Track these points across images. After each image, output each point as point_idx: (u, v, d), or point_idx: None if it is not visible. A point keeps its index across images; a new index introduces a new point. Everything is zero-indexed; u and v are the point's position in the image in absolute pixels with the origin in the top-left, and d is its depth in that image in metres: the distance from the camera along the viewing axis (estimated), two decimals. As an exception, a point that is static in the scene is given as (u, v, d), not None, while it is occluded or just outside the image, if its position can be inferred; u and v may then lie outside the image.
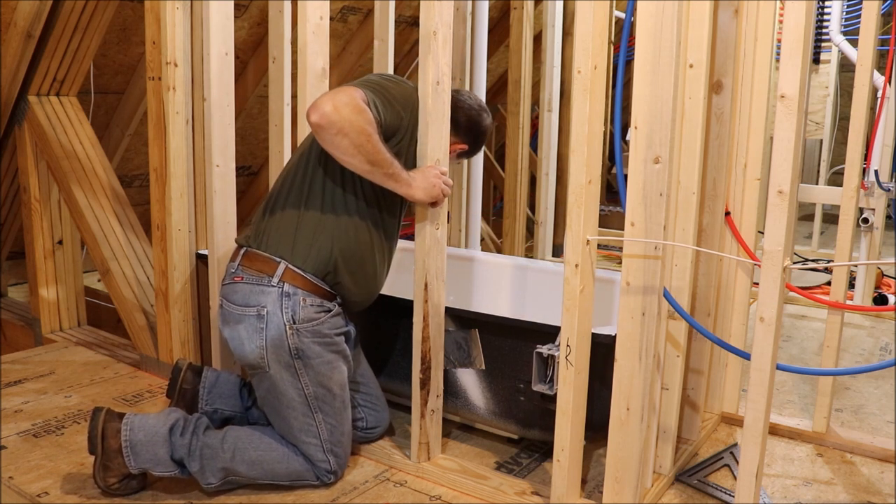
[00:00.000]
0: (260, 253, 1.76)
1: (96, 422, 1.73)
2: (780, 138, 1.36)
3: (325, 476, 1.79)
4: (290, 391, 1.75)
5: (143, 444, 1.71)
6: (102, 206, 2.75)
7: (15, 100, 2.78)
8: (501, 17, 4.40)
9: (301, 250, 1.74)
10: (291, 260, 1.73)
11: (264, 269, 1.74)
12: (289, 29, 2.29)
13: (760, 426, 1.45)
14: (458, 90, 1.96)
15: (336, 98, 1.58)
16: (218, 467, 1.72)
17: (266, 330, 1.71)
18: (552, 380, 1.67)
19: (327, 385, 1.77)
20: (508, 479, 1.84)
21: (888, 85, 3.23)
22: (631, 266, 1.54)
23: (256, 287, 1.73)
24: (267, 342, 1.71)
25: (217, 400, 2.01)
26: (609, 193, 5.85)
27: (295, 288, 1.73)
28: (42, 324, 2.92)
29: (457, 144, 1.93)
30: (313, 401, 1.76)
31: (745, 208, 2.03)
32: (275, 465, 1.76)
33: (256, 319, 1.72)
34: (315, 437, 1.77)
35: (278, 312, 1.71)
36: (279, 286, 1.72)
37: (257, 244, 1.78)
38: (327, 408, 1.78)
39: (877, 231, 3.41)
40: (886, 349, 3.02)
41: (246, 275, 1.76)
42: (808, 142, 5.51)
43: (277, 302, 1.72)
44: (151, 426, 1.73)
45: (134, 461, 1.70)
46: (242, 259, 1.79)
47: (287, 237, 1.75)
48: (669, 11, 1.42)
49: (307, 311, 1.73)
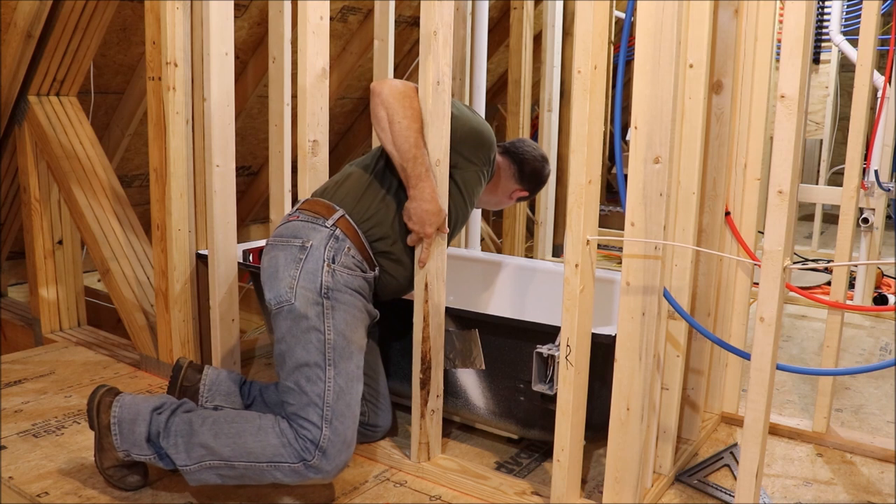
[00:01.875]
0: (321, 200, 1.84)
1: (94, 395, 1.76)
2: (780, 138, 1.36)
3: (307, 451, 1.59)
4: (311, 333, 1.68)
5: (128, 422, 1.71)
6: (102, 206, 2.75)
7: (15, 100, 2.78)
8: (501, 17, 4.40)
9: (361, 209, 1.82)
10: (350, 212, 1.80)
11: (322, 211, 1.81)
12: (289, 29, 2.30)
13: (760, 426, 1.45)
14: (522, 140, 2.19)
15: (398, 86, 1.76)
16: (192, 443, 1.64)
17: (305, 262, 1.73)
18: (552, 380, 1.67)
19: (349, 337, 1.71)
20: (508, 479, 1.84)
21: (888, 85, 3.23)
22: (631, 266, 1.54)
23: (309, 224, 1.79)
24: (301, 272, 1.72)
25: (217, 397, 2.01)
26: (609, 193, 5.85)
27: (345, 235, 1.78)
28: (42, 324, 2.92)
29: (519, 191, 2.19)
30: (330, 350, 1.68)
31: (745, 208, 2.04)
32: (247, 439, 1.62)
33: (299, 250, 1.75)
34: (319, 395, 1.63)
35: (321, 248, 1.74)
36: (332, 228, 1.77)
37: (321, 194, 1.87)
38: (342, 364, 1.68)
39: (877, 231, 3.41)
40: (886, 349, 3.02)
41: (303, 215, 1.82)
42: (808, 142, 5.51)
43: (325, 241, 1.75)
44: (139, 404, 1.74)
45: (119, 441, 1.71)
46: (302, 204, 1.87)
47: (353, 195, 1.84)
48: (669, 11, 1.42)
49: (347, 260, 1.76)
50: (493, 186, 2.16)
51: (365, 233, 1.81)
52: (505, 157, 2.15)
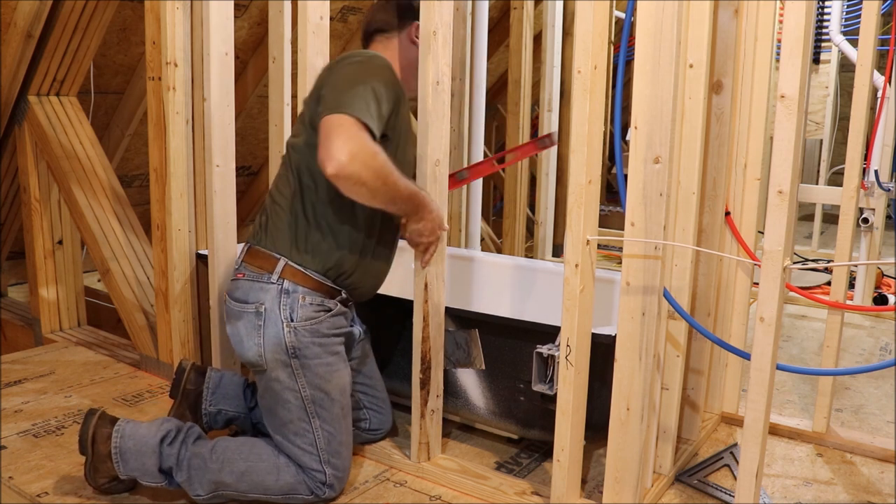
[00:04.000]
0: (261, 250, 1.75)
1: (87, 425, 1.72)
2: (780, 138, 1.36)
3: (319, 489, 1.70)
4: (287, 393, 1.71)
5: (132, 452, 1.69)
6: (102, 206, 2.75)
7: (15, 100, 2.78)
8: (501, 17, 4.40)
9: (301, 246, 1.73)
10: (291, 256, 1.72)
11: (264, 265, 1.73)
12: (289, 29, 2.29)
13: (760, 426, 1.45)
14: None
15: (349, 146, 1.52)
16: (206, 479, 1.68)
17: (264, 327, 1.70)
18: (552, 380, 1.67)
19: (325, 388, 1.73)
20: (508, 479, 1.84)
21: (888, 85, 3.23)
22: (631, 266, 1.54)
23: (256, 284, 1.72)
24: (264, 340, 1.70)
25: (221, 400, 2.01)
26: (609, 193, 5.85)
27: (294, 285, 1.71)
28: (42, 324, 2.92)
29: (414, 31, 1.85)
30: (310, 404, 1.71)
31: (745, 208, 2.03)
32: (265, 477, 1.68)
33: (255, 316, 1.71)
34: (311, 444, 1.71)
35: (276, 310, 1.70)
36: (278, 283, 1.71)
37: (257, 241, 1.78)
38: (325, 413, 1.72)
39: (877, 231, 3.41)
40: (886, 349, 3.02)
41: (247, 271, 1.75)
42: (808, 142, 5.51)
43: (276, 299, 1.70)
44: (142, 435, 1.71)
45: (123, 468, 1.69)
46: (245, 256, 1.79)
47: (287, 236, 1.74)
48: (669, 11, 1.42)
49: (306, 310, 1.71)
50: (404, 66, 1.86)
51: (315, 271, 1.72)
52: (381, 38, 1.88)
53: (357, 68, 1.68)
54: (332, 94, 1.62)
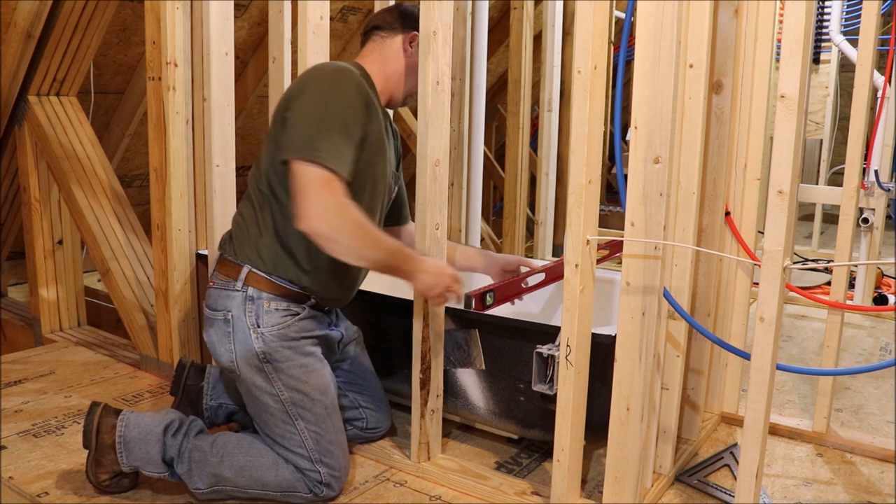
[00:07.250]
0: (227, 259, 1.78)
1: (92, 416, 1.73)
2: (780, 138, 1.36)
3: (317, 488, 1.71)
4: (265, 397, 1.72)
5: (136, 441, 1.71)
6: (102, 206, 2.75)
7: (15, 100, 2.78)
8: (501, 17, 4.40)
9: (263, 255, 1.74)
10: (255, 264, 1.73)
11: (230, 273, 1.75)
12: (289, 29, 2.29)
13: (760, 426, 1.45)
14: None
15: (321, 206, 1.55)
16: (206, 472, 1.69)
17: (233, 334, 1.71)
18: (552, 380, 1.67)
19: (303, 390, 1.72)
20: (508, 479, 1.84)
21: (888, 85, 3.23)
22: (631, 266, 1.54)
23: (223, 292, 1.74)
24: (235, 346, 1.71)
25: (222, 394, 2.02)
26: (609, 193, 5.85)
27: (259, 291, 1.72)
28: (42, 324, 2.92)
29: (411, 38, 1.87)
30: (291, 406, 1.71)
31: (745, 208, 2.04)
32: (263, 473, 1.69)
33: (224, 324, 1.72)
34: (300, 445, 1.71)
35: (242, 317, 1.71)
36: (243, 290, 1.72)
37: (223, 250, 1.81)
38: (307, 414, 1.72)
39: (877, 231, 3.41)
40: (886, 349, 3.02)
41: (217, 279, 1.78)
42: (808, 142, 5.51)
43: (241, 306, 1.71)
44: (147, 424, 1.73)
45: (126, 458, 1.70)
46: (216, 265, 1.82)
47: (249, 244, 1.75)
48: (669, 11, 1.42)
49: (271, 316, 1.71)
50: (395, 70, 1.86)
51: (280, 277, 1.73)
52: (375, 39, 1.87)
53: (325, 94, 1.66)
54: (300, 127, 1.61)
